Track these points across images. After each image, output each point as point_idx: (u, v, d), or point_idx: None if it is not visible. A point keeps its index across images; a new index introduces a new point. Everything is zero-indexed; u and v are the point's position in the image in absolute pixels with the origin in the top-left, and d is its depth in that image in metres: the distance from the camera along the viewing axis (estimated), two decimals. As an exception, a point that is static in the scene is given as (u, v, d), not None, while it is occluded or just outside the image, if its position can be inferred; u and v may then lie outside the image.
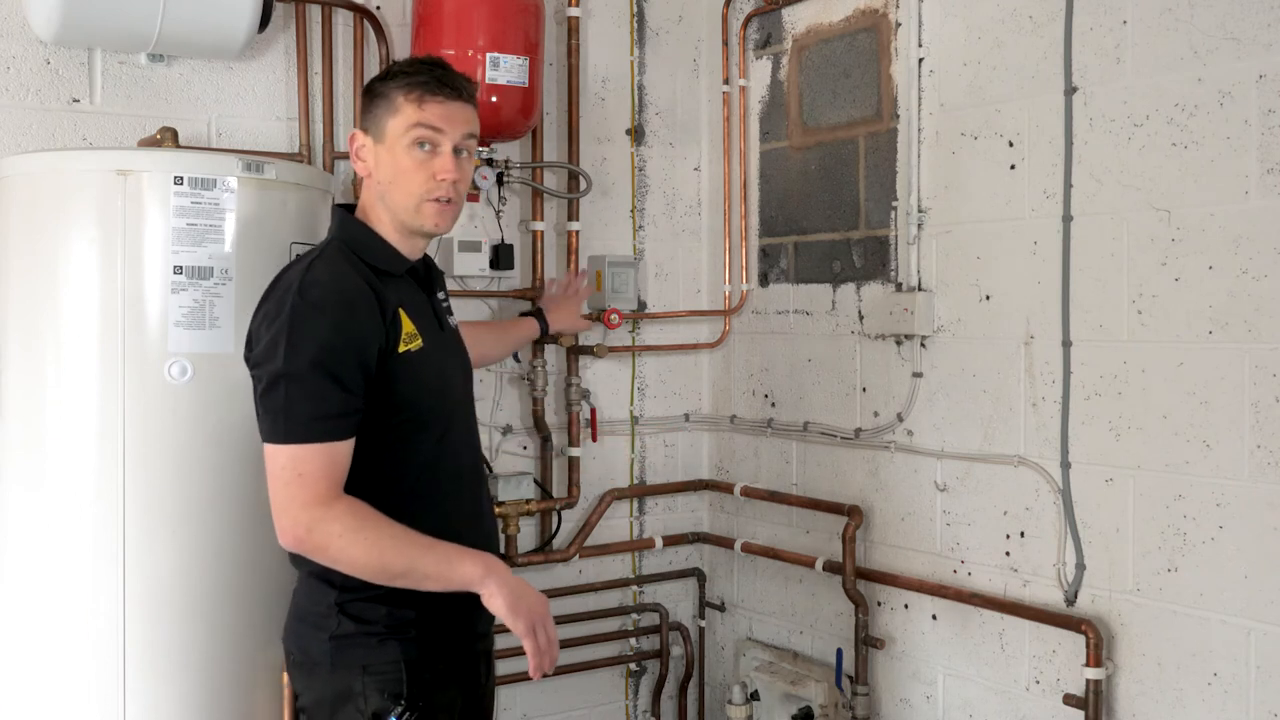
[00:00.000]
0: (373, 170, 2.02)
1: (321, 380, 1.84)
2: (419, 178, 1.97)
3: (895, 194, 2.99)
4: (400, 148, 1.97)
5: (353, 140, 2.05)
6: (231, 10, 2.55)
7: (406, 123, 1.96)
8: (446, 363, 2.09)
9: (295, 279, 1.91)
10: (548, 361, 3.28)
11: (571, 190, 3.32)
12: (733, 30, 3.50)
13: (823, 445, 3.22)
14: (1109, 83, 2.50)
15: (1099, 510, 2.53)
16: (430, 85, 1.97)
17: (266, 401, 1.88)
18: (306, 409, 1.84)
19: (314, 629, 1.97)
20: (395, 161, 1.98)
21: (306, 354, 1.84)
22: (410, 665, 1.94)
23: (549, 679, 3.29)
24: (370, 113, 2.02)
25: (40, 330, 2.29)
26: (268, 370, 1.87)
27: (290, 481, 1.84)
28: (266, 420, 1.88)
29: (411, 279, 2.08)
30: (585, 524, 3.36)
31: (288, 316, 1.86)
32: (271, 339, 1.87)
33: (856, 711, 3.02)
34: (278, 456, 1.86)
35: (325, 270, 1.93)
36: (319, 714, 1.98)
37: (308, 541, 1.85)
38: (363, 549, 1.85)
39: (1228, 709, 2.32)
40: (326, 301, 1.87)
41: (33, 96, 2.61)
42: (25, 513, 2.30)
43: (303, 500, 1.84)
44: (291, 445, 1.84)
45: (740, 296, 3.49)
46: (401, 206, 1.99)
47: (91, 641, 2.26)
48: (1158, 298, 2.42)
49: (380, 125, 1.99)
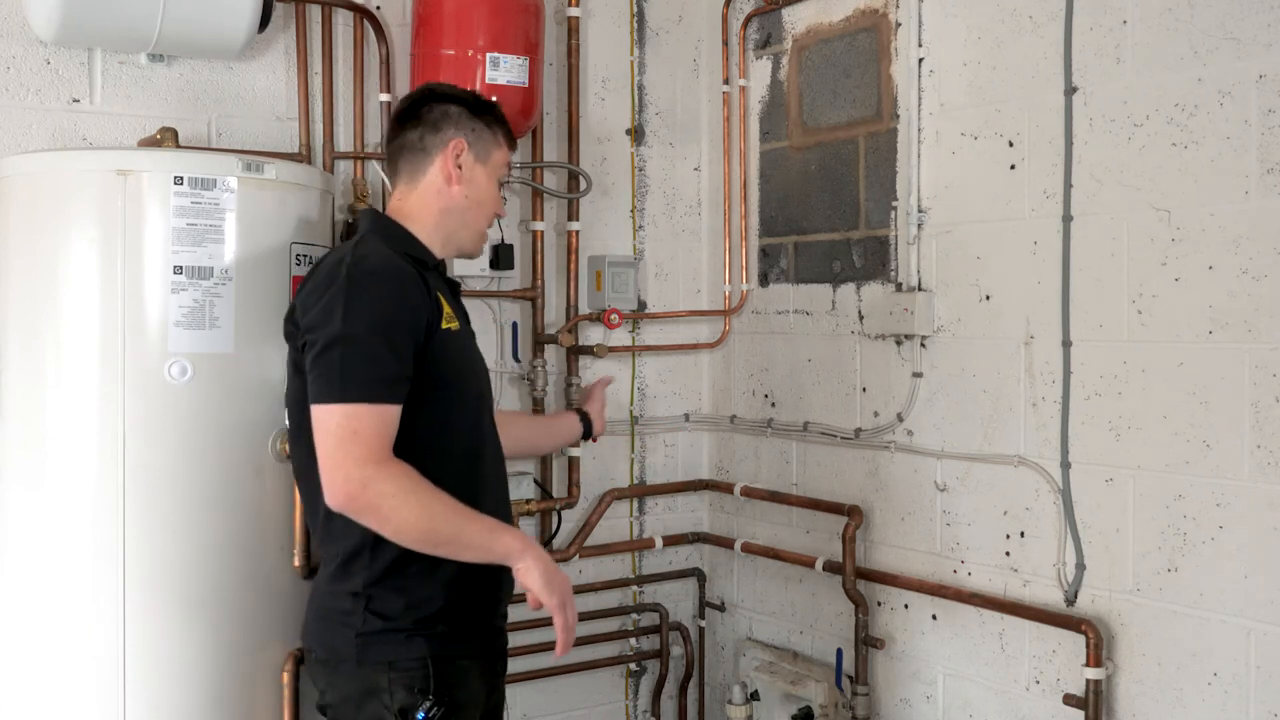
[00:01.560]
0: (463, 183, 2.13)
1: (377, 343, 1.90)
2: (495, 208, 2.19)
3: (895, 194, 2.99)
4: (494, 178, 2.18)
5: (456, 146, 2.12)
6: (231, 10, 2.55)
7: (505, 160, 2.20)
8: (473, 353, 2.18)
9: (345, 254, 1.99)
10: (548, 361, 3.28)
11: (571, 190, 3.32)
12: (733, 30, 3.50)
13: (823, 445, 3.22)
14: (1109, 83, 2.50)
15: (1099, 510, 2.53)
16: (513, 139, 2.25)
17: (321, 363, 1.91)
18: (363, 370, 1.89)
19: (340, 626, 1.99)
20: (490, 189, 2.17)
21: (363, 318, 1.90)
22: (436, 660, 1.97)
23: (549, 679, 3.30)
24: (473, 131, 2.14)
25: (40, 330, 2.29)
26: (323, 333, 1.91)
27: (345, 439, 1.87)
28: (320, 381, 1.91)
29: (437, 274, 2.15)
30: (585, 524, 3.36)
31: (343, 284, 1.93)
32: (325, 305, 1.93)
33: (856, 711, 3.02)
34: (332, 415, 1.89)
35: (375, 248, 2.02)
36: (344, 711, 2.01)
37: (360, 499, 1.87)
38: (414, 510, 1.88)
39: (1228, 709, 2.32)
40: (380, 271, 1.96)
41: (33, 96, 2.61)
42: (25, 512, 2.31)
43: (357, 457, 1.86)
44: (347, 404, 1.88)
45: (740, 296, 3.49)
46: (474, 227, 2.17)
47: (91, 641, 2.26)
48: (1158, 298, 2.42)
49: (486, 150, 2.16)
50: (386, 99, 2.99)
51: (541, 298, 3.27)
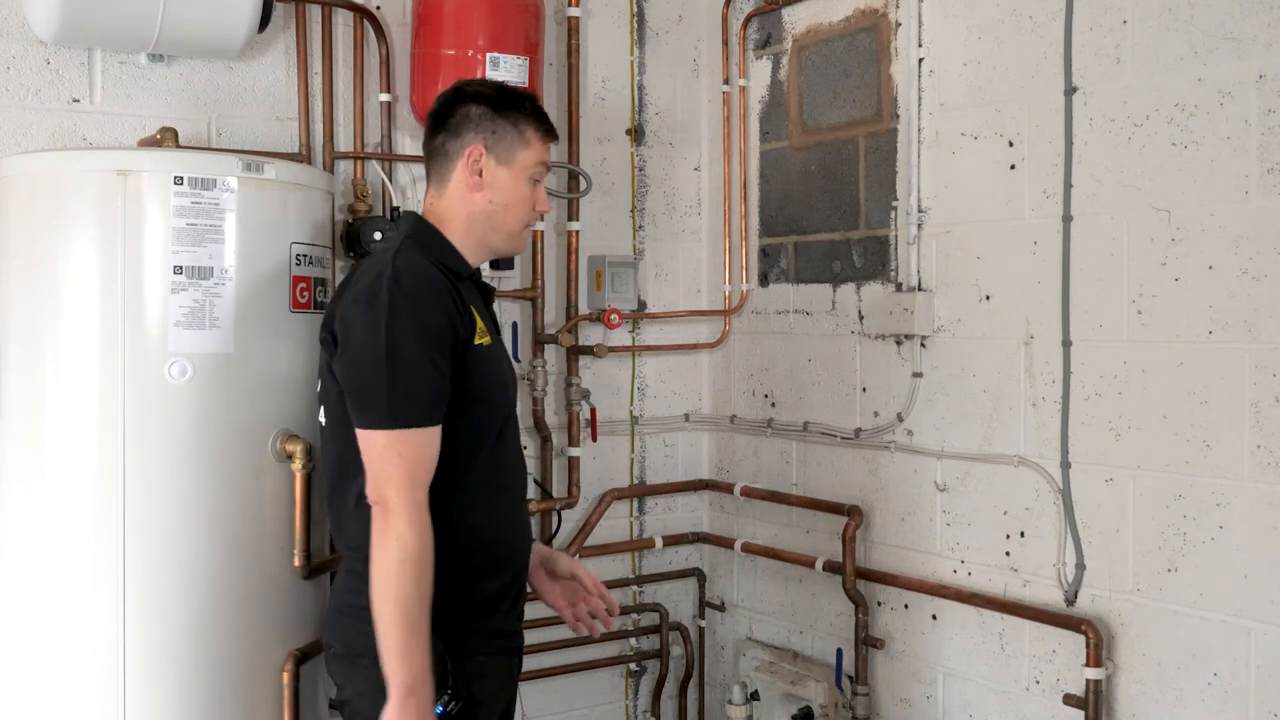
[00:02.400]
0: (485, 187, 2.11)
1: (422, 367, 1.93)
2: (527, 208, 2.15)
3: (895, 194, 2.99)
4: (523, 178, 2.13)
5: (473, 153, 2.10)
6: (231, 10, 2.55)
7: (536, 159, 2.14)
8: (505, 368, 2.17)
9: (386, 265, 1.99)
10: (547, 361, 3.29)
11: (571, 190, 3.32)
12: (733, 30, 3.50)
13: (823, 445, 3.22)
14: (1109, 83, 2.50)
15: (1099, 510, 2.53)
16: (551, 131, 2.17)
17: (363, 386, 1.94)
18: (406, 394, 1.92)
19: (357, 621, 1.99)
20: (516, 190, 2.12)
21: (408, 340, 1.92)
22: (453, 657, 1.98)
23: (549, 679, 3.30)
24: (494, 133, 2.11)
25: (40, 330, 2.29)
26: (369, 357, 1.93)
27: (390, 461, 1.91)
28: (360, 406, 1.95)
29: (472, 284, 2.15)
30: (585, 524, 3.36)
31: (386, 303, 1.93)
32: (369, 323, 1.94)
33: (856, 711, 3.02)
34: (377, 440, 1.92)
35: (413, 259, 2.02)
36: (361, 705, 2.00)
37: (379, 519, 1.91)
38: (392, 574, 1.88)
39: (1228, 709, 2.32)
40: (420, 289, 1.96)
41: (33, 96, 2.61)
42: (25, 512, 2.31)
43: (398, 480, 1.90)
44: (396, 430, 1.91)
45: (740, 296, 3.49)
46: (506, 230, 2.13)
47: (91, 640, 2.26)
48: (1158, 298, 2.42)
49: (509, 150, 2.11)
50: (386, 99, 2.99)
51: (541, 298, 3.27)
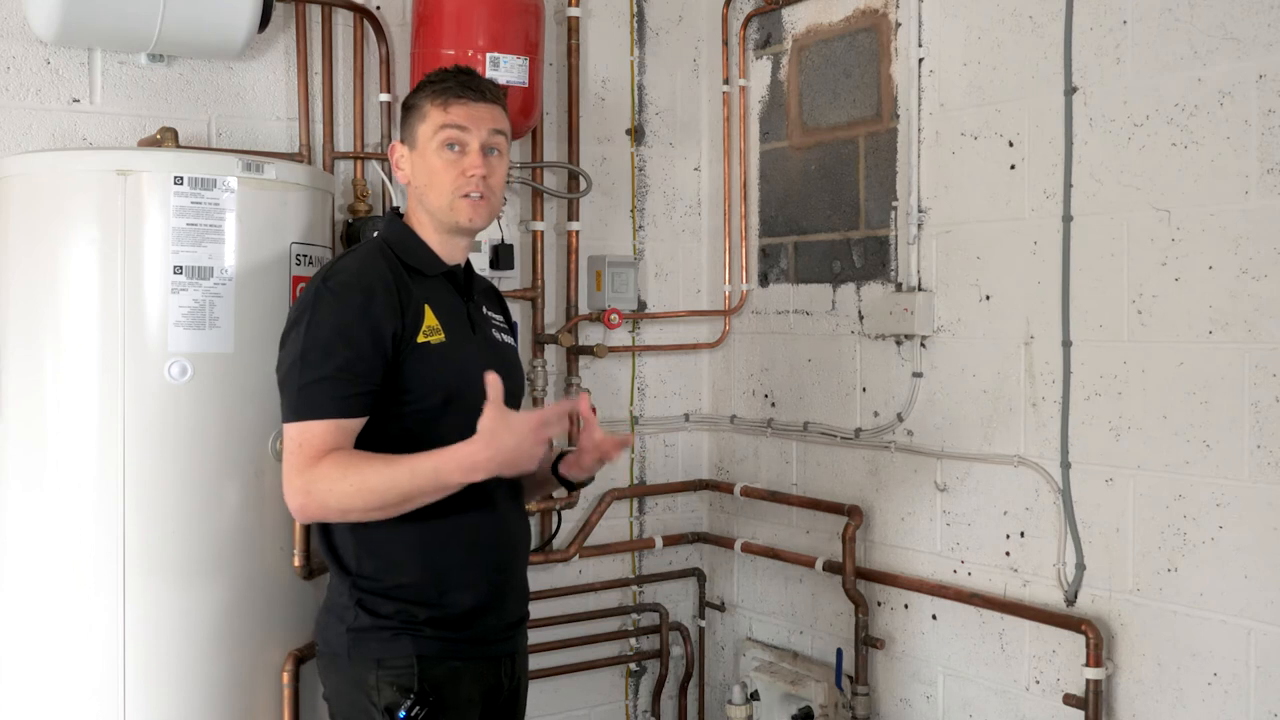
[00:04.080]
0: (410, 177, 2.12)
1: (332, 358, 1.92)
2: (449, 176, 2.06)
3: (895, 194, 2.99)
4: (431, 150, 2.07)
5: (392, 152, 2.15)
6: (231, 10, 2.55)
7: (434, 126, 2.07)
8: (470, 364, 2.05)
9: (325, 268, 2.04)
10: (547, 361, 3.29)
11: (571, 190, 3.32)
12: (733, 30, 3.50)
13: (823, 445, 3.22)
14: (1109, 83, 2.50)
15: (1099, 510, 2.53)
16: (454, 89, 2.08)
17: (280, 381, 1.98)
18: (314, 387, 1.92)
19: (336, 620, 2.02)
20: (428, 164, 2.08)
21: (321, 334, 1.93)
22: (423, 661, 1.97)
23: (549, 679, 3.30)
24: (405, 124, 2.14)
25: (40, 330, 2.29)
26: (287, 352, 1.97)
27: (293, 453, 1.92)
28: (282, 401, 1.97)
29: (449, 282, 2.13)
30: (585, 524, 3.36)
31: (310, 300, 1.97)
32: (293, 321, 1.99)
33: (856, 711, 3.02)
34: (288, 433, 1.94)
35: (353, 261, 2.04)
36: (338, 704, 2.04)
37: (310, 505, 1.91)
38: (355, 493, 1.88)
39: (1228, 709, 2.32)
40: (345, 286, 1.97)
41: (33, 96, 2.61)
42: (25, 512, 2.31)
43: (298, 468, 1.91)
44: (299, 421, 1.92)
45: (740, 296, 3.49)
46: (437, 206, 2.09)
47: (91, 640, 2.26)
48: (1158, 298, 2.42)
49: (413, 133, 2.11)
50: (386, 99, 2.99)
51: (541, 298, 3.27)
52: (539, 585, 2.88)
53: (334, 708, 2.05)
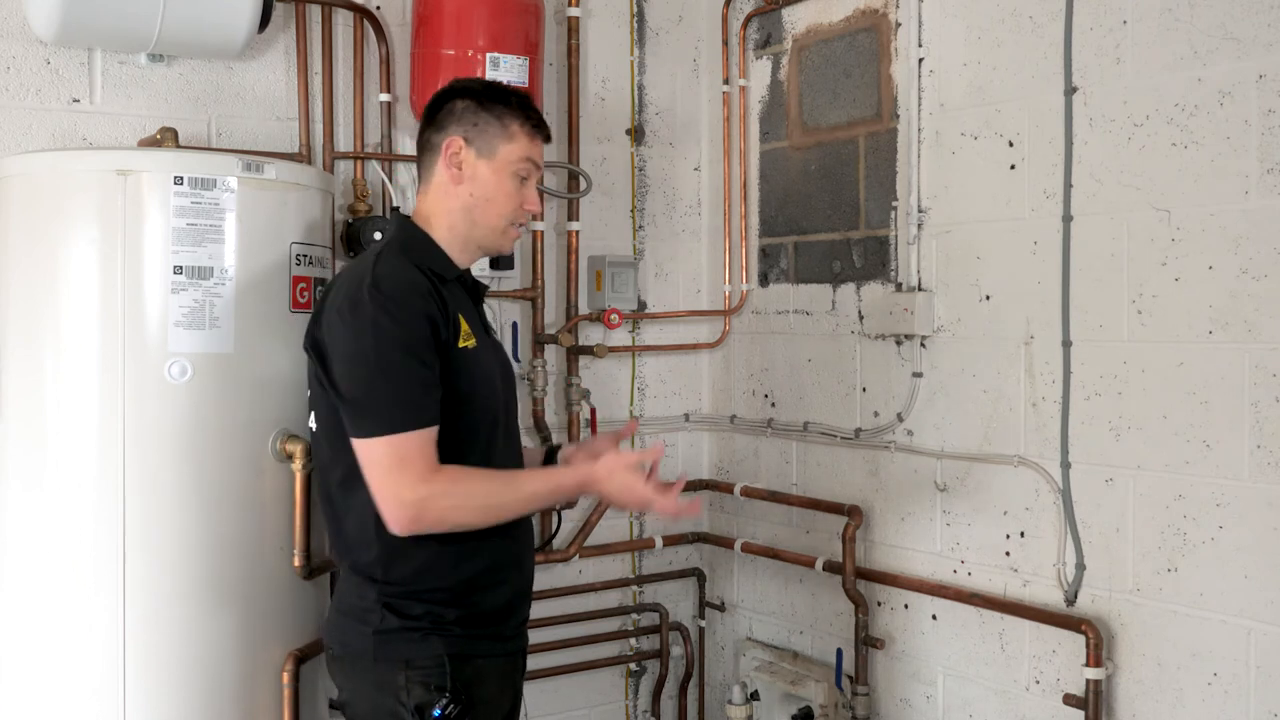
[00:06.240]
0: (465, 181, 2.09)
1: (410, 368, 1.93)
2: (512, 204, 2.11)
3: (895, 194, 2.99)
4: (506, 173, 2.10)
5: (451, 145, 2.09)
6: (231, 10, 2.55)
7: (520, 153, 2.10)
8: (493, 367, 2.15)
9: (365, 272, 1.99)
10: (548, 361, 3.29)
11: (571, 190, 3.32)
12: (733, 30, 3.50)
13: (823, 445, 3.22)
14: (1109, 83, 2.50)
15: (1099, 510, 2.53)
16: (541, 126, 2.15)
17: (355, 395, 1.94)
18: (399, 398, 1.92)
19: (358, 623, 2.02)
20: (498, 184, 2.09)
21: (393, 344, 1.92)
22: (454, 659, 1.99)
23: (549, 679, 3.30)
24: (476, 126, 2.09)
25: (40, 330, 2.29)
26: (356, 365, 1.94)
27: (393, 469, 1.91)
28: (359, 415, 1.94)
29: (459, 286, 2.14)
30: (585, 524, 3.36)
31: (369, 309, 1.93)
32: (353, 332, 1.94)
33: (856, 711, 3.02)
34: (375, 448, 1.92)
35: (389, 267, 2.01)
36: (361, 707, 2.03)
37: (422, 521, 1.93)
38: (477, 511, 1.98)
39: (1228, 709, 2.32)
40: (400, 291, 1.96)
41: (33, 96, 2.61)
42: (25, 512, 2.31)
43: (409, 482, 1.91)
44: (392, 435, 1.91)
45: (740, 296, 3.49)
46: (488, 225, 2.11)
47: (91, 640, 2.26)
48: (1158, 298, 2.42)
49: (491, 144, 2.09)
50: (386, 99, 2.99)
51: (541, 298, 3.27)
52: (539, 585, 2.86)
53: (355, 710, 2.05)
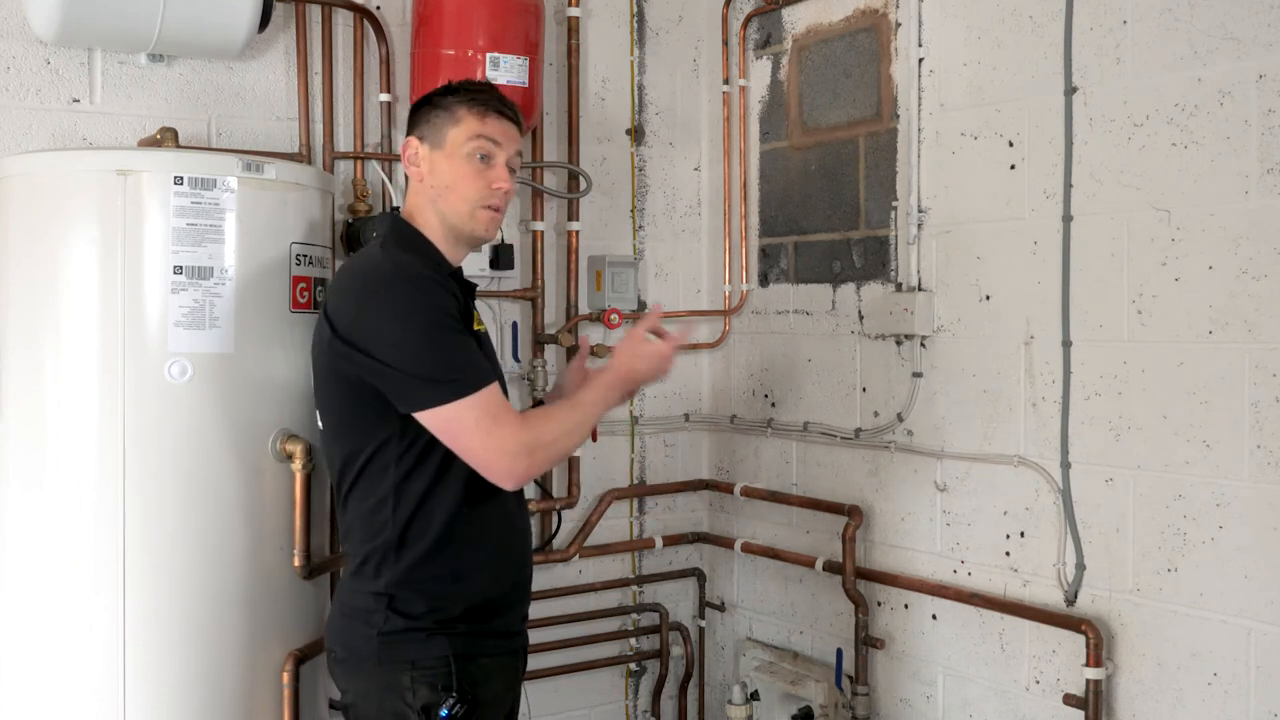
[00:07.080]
0: (426, 175, 2.10)
1: (461, 334, 1.97)
2: (476, 185, 2.08)
3: (895, 194, 2.99)
4: (460, 156, 2.08)
5: (406, 147, 2.13)
6: (231, 10, 2.55)
7: (469, 133, 2.08)
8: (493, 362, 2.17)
9: (378, 262, 2.01)
10: (548, 361, 3.28)
11: (571, 190, 3.32)
12: (733, 30, 3.50)
13: (823, 445, 3.22)
14: (1109, 83, 2.50)
15: (1099, 510, 2.53)
16: (492, 103, 2.11)
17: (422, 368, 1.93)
18: (466, 362, 1.95)
19: (361, 625, 2.02)
20: (454, 168, 2.09)
21: (439, 315, 1.95)
22: (459, 659, 1.99)
23: (549, 678, 3.30)
24: (428, 122, 2.11)
25: (40, 330, 2.29)
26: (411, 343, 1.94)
27: (489, 426, 1.94)
28: (426, 388, 1.93)
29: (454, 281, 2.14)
30: (585, 524, 3.36)
31: (403, 288, 1.95)
32: (394, 313, 1.94)
33: (856, 711, 3.02)
34: (460, 411, 1.93)
35: (400, 256, 2.03)
36: (366, 709, 2.03)
37: (534, 463, 1.98)
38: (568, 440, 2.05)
39: (1228, 709, 2.32)
40: (420, 274, 1.99)
41: (33, 96, 2.61)
42: (25, 512, 2.31)
43: (510, 433, 1.95)
44: (470, 396, 1.93)
45: (740, 296, 3.49)
46: (455, 211, 2.10)
47: (91, 640, 2.26)
48: (1158, 298, 2.42)
49: (440, 133, 2.09)
50: (386, 99, 2.99)
51: (541, 298, 3.27)
52: (539, 585, 2.87)
53: (359, 712, 2.05)
